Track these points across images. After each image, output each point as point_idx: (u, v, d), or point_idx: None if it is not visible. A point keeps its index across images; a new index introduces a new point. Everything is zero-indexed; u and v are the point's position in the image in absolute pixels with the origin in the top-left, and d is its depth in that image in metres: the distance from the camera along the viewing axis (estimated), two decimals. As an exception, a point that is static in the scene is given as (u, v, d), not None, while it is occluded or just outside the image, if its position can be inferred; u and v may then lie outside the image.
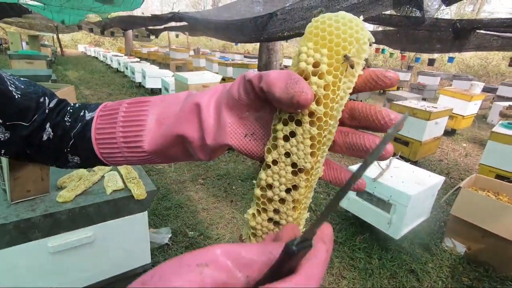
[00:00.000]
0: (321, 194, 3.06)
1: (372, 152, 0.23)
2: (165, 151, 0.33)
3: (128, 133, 0.33)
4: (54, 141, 0.36)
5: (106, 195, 1.16)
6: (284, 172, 0.28)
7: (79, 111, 0.37)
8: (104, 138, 0.35)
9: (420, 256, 2.23)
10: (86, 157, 0.37)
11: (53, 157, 0.38)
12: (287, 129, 0.27)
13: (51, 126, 0.36)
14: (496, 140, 2.89)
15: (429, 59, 11.69)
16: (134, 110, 0.34)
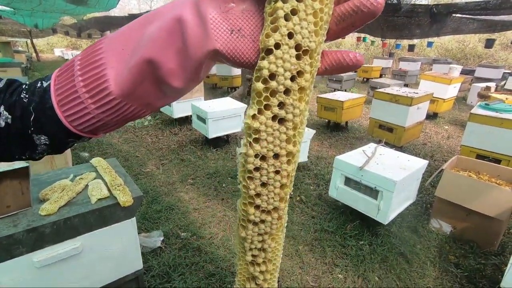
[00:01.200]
0: (311, 185, 3.10)
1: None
2: (136, 89, 0.29)
3: (89, 80, 0.29)
4: (15, 124, 0.32)
5: (91, 204, 1.14)
6: (288, 56, 0.26)
7: (35, 84, 0.32)
8: (65, 96, 0.30)
9: (409, 238, 2.30)
10: (53, 133, 0.32)
11: (18, 144, 0.33)
12: (288, 7, 0.25)
13: (6, 108, 0.32)
14: (475, 121, 2.99)
15: (409, 45, 11.88)
16: (89, 53, 0.29)
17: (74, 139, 0.33)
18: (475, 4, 5.72)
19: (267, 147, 0.29)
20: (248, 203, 0.32)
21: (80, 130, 0.31)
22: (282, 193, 0.31)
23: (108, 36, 0.29)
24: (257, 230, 0.32)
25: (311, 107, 6.37)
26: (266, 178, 0.30)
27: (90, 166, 1.46)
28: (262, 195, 0.31)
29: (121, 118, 0.31)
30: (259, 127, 0.28)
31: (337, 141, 4.44)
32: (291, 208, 2.68)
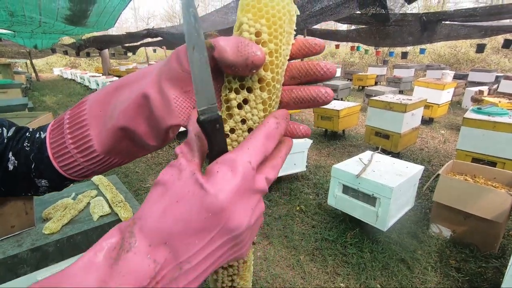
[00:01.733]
0: (310, 195, 3.12)
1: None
2: (116, 147, 0.34)
3: (76, 138, 0.34)
4: (20, 169, 0.37)
5: (93, 221, 1.17)
6: (242, 138, 0.29)
7: (35, 134, 0.38)
8: (58, 151, 0.35)
9: (409, 244, 2.31)
10: (51, 178, 0.38)
11: (23, 185, 0.39)
12: (240, 97, 0.28)
13: (14, 154, 0.37)
14: (468, 125, 3.05)
15: (402, 52, 12.09)
16: (75, 113, 0.34)
17: (69, 182, 0.40)
18: (464, 12, 5.89)
19: None
20: None
21: (73, 176, 0.37)
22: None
23: (89, 98, 0.35)
24: (226, 273, 0.36)
25: (308, 117, 6.45)
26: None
27: (92, 183, 1.50)
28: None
29: (107, 167, 0.37)
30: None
31: (335, 150, 4.48)
32: (291, 218, 2.70)
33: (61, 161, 0.36)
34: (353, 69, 14.52)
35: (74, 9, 4.21)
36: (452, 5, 23.45)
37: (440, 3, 21.73)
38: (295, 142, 3.07)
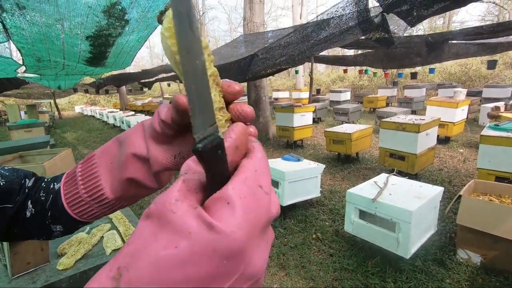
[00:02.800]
0: (326, 221, 3.03)
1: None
2: (127, 193, 0.38)
3: (89, 188, 0.38)
4: (36, 216, 0.41)
5: (106, 255, 1.17)
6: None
7: (50, 185, 0.42)
8: (72, 200, 0.39)
9: (436, 272, 2.15)
10: (66, 223, 0.41)
11: (38, 231, 0.42)
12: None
13: (32, 203, 0.41)
14: (487, 143, 2.94)
15: (411, 73, 12.12)
16: (86, 167, 0.39)
17: (82, 225, 0.43)
18: (470, 30, 5.93)
19: None
20: None
21: (86, 218, 0.41)
22: None
23: (98, 152, 0.39)
24: None
25: (320, 141, 6.42)
26: None
27: (105, 217, 1.52)
28: None
29: (118, 208, 0.41)
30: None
31: (349, 173, 4.39)
32: (308, 246, 2.60)
33: (75, 208, 0.39)
34: (363, 91, 14.59)
35: (94, 51, 4.54)
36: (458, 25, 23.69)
37: (445, 24, 22.02)
38: (307, 167, 3.04)
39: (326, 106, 9.33)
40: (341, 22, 3.24)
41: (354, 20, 3.18)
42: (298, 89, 13.02)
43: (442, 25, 21.98)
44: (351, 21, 3.17)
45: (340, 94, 10.98)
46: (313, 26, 3.44)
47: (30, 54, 4.51)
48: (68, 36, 3.92)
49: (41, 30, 3.67)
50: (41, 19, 3.29)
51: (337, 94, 11.07)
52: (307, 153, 5.57)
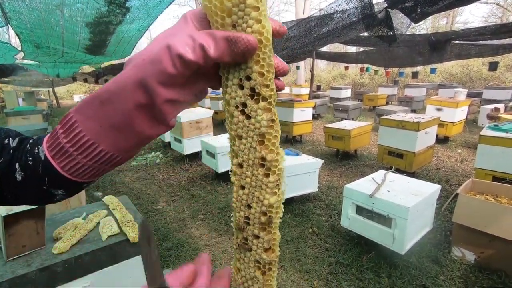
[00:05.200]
0: (323, 216, 3.04)
1: None
2: (126, 145, 0.34)
3: (74, 141, 0.33)
4: (29, 181, 0.37)
5: (102, 241, 1.16)
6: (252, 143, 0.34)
7: (34, 149, 0.37)
8: (63, 160, 0.35)
9: (430, 269, 2.17)
10: (67, 187, 0.38)
11: (36, 196, 0.39)
12: (246, 92, 0.32)
13: (20, 166, 0.37)
14: (486, 143, 2.94)
15: (412, 72, 12.11)
16: (65, 124, 0.34)
17: (86, 184, 0.40)
18: (473, 31, 5.90)
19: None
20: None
21: (88, 178, 0.38)
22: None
23: (77, 117, 0.33)
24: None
25: (319, 137, 6.42)
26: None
27: (102, 204, 1.51)
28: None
29: (118, 162, 0.37)
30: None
31: (347, 170, 4.40)
32: (304, 240, 2.61)
33: (73, 172, 0.35)
34: (363, 89, 14.56)
35: (94, 39, 4.48)
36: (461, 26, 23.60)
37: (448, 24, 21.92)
38: (306, 162, 3.04)
39: (326, 103, 9.31)
40: (344, 17, 3.21)
41: (357, 15, 3.15)
42: (298, 85, 12.98)
43: (445, 25, 21.88)
44: (354, 16, 3.14)
45: (341, 91, 10.95)
46: (316, 20, 3.41)
47: (28, 40, 4.45)
48: (67, 22, 3.86)
49: (40, 15, 3.61)
50: (41, 4, 3.24)
51: (337, 91, 11.05)
52: (305, 149, 5.57)
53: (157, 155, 5.33)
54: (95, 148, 0.34)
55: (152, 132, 0.34)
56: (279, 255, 0.38)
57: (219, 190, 3.73)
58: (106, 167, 0.37)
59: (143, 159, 5.17)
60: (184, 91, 0.32)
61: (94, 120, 0.33)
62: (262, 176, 0.33)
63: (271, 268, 0.38)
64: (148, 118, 0.32)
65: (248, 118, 0.32)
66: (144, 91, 0.30)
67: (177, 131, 4.67)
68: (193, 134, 4.64)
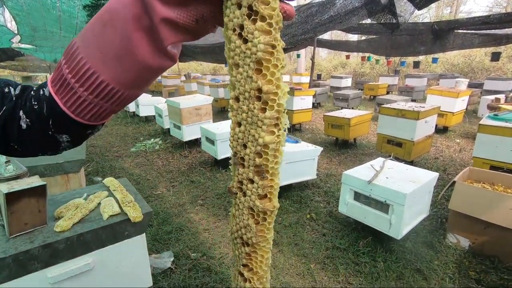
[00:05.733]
0: (321, 203, 3.07)
1: None
2: (129, 77, 0.34)
3: (87, 85, 0.33)
4: (34, 127, 0.37)
5: (103, 220, 1.18)
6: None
7: (39, 92, 0.38)
8: (65, 94, 0.35)
9: (425, 254, 2.22)
10: (72, 130, 0.37)
11: (42, 144, 0.39)
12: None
13: (24, 113, 0.37)
14: (485, 132, 2.95)
15: (414, 62, 11.98)
16: (68, 52, 0.34)
17: (91, 130, 0.39)
18: (477, 20, 5.82)
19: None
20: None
21: (91, 119, 0.37)
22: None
23: (80, 45, 0.33)
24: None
25: (319, 126, 6.41)
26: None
27: (103, 185, 1.52)
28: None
29: (122, 101, 0.36)
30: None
31: (346, 158, 4.42)
32: (302, 226, 2.65)
33: (72, 105, 0.35)
34: (364, 79, 14.45)
35: (92, 23, 4.40)
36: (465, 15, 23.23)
37: (452, 13, 21.58)
38: (305, 149, 3.05)
39: (326, 92, 9.25)
40: (347, 3, 3.16)
41: (360, 1, 3.09)
42: (298, 73, 12.86)
43: (448, 14, 21.53)
44: (357, 2, 3.08)
45: (341, 80, 10.87)
46: (318, 6, 3.35)
47: (25, 23, 4.36)
48: (64, 5, 3.78)
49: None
50: (37, -16, 3.17)
51: (338, 80, 10.96)
52: (305, 137, 5.57)
53: (156, 141, 5.33)
54: (95, 79, 0.33)
55: (152, 61, 0.32)
56: (277, 207, 0.36)
57: (218, 176, 3.75)
58: (107, 104, 0.35)
59: (142, 145, 5.17)
60: (182, 11, 0.30)
61: (95, 47, 0.32)
62: (258, 111, 0.31)
63: (266, 219, 0.35)
64: (147, 41, 0.31)
65: (245, 42, 0.30)
66: (142, 6, 0.30)
67: (176, 118, 4.65)
68: (193, 120, 4.62)
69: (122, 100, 0.36)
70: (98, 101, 0.35)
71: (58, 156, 2.03)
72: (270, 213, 0.35)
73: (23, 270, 1.00)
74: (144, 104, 6.88)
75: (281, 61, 0.30)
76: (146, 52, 0.32)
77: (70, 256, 1.09)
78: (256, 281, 0.37)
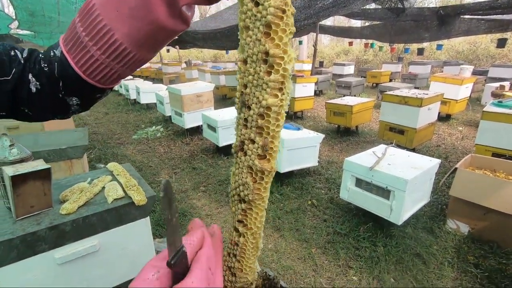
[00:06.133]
0: (322, 189, 3.09)
1: None
2: (143, 38, 0.34)
3: (101, 43, 0.34)
4: (44, 90, 0.37)
5: (108, 204, 1.19)
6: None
7: (49, 53, 0.38)
8: (78, 53, 0.35)
9: (424, 239, 2.25)
10: (82, 92, 0.38)
11: (52, 107, 0.39)
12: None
13: (34, 76, 0.37)
14: (488, 119, 2.93)
15: (418, 48, 11.81)
16: (84, 10, 0.34)
17: (100, 93, 0.39)
18: (484, 4, 5.68)
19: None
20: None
21: (101, 80, 0.37)
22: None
23: (97, 4, 0.33)
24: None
25: (320, 113, 6.38)
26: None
27: (106, 170, 1.53)
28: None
29: (135, 63, 0.37)
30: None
31: (347, 146, 4.42)
32: (303, 212, 2.68)
33: (84, 64, 0.35)
34: (367, 66, 14.27)
35: (90, 7, 4.33)
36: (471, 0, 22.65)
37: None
38: (307, 136, 3.05)
39: (329, 79, 9.16)
40: (351, -14, 3.08)
41: (365, -16, 3.01)
42: (300, 60, 12.69)
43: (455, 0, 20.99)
44: (362, -15, 3.01)
45: (344, 67, 10.74)
46: (321, -11, 3.27)
47: (22, 7, 4.29)
48: (63, -12, 3.71)
49: (34, -20, 3.47)
50: (34, -33, 3.10)
51: (340, 67, 10.84)
52: (306, 125, 5.56)
53: (157, 129, 5.33)
54: (110, 37, 0.33)
55: (167, 21, 0.33)
56: (275, 169, 0.38)
57: (220, 163, 3.77)
58: (118, 66, 0.36)
59: (144, 132, 5.17)
60: None
61: (112, 5, 0.33)
62: (264, 74, 0.31)
63: (263, 178, 0.37)
64: (163, 1, 0.32)
65: (256, 5, 0.30)
66: None
67: (178, 105, 4.63)
68: (194, 108, 4.61)
69: (133, 63, 0.36)
70: (109, 61, 0.35)
71: (61, 142, 2.04)
72: (268, 173, 0.37)
73: (31, 251, 1.02)
74: (145, 91, 6.84)
75: (290, 26, 0.30)
76: (161, 12, 0.32)
77: (76, 237, 1.11)
78: (249, 236, 0.39)
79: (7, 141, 1.09)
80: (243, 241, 0.40)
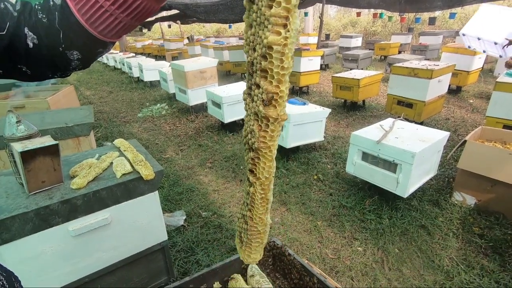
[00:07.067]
0: (328, 164, 3.10)
1: None
2: None
3: None
4: (43, 43, 0.35)
5: (117, 178, 1.21)
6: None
7: (47, 3, 0.35)
8: (89, 8, 0.33)
9: (430, 211, 2.26)
10: (83, 45, 0.35)
11: (51, 63, 0.37)
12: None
13: (30, 29, 0.35)
14: (501, 90, 2.84)
15: (429, 18, 11.27)
16: None
17: (102, 48, 0.37)
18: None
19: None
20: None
21: (105, 35, 0.35)
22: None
23: None
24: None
25: (327, 88, 6.25)
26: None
27: (113, 146, 1.55)
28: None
29: (140, 15, 0.34)
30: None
31: (354, 121, 4.36)
32: (309, 186, 2.70)
33: (87, 11, 0.33)
34: (375, 38, 13.75)
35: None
36: (489, -37, 21.14)
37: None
38: (313, 110, 3.01)
39: (335, 53, 8.88)
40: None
41: None
42: (306, 34, 12.27)
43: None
44: None
45: (351, 39, 10.36)
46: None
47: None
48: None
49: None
50: None
51: (347, 40, 10.46)
52: (312, 100, 5.47)
53: (162, 106, 5.31)
54: None
55: None
56: (282, 117, 0.35)
57: (226, 140, 3.77)
58: (122, 15, 0.34)
59: (148, 110, 5.17)
60: None
61: None
62: (265, 8, 0.29)
63: (269, 126, 0.35)
64: None
65: None
66: None
67: (181, 81, 4.58)
68: (198, 84, 4.55)
69: (139, 11, 0.34)
70: (114, 9, 0.33)
71: (67, 120, 2.04)
72: (274, 121, 0.34)
73: (46, 224, 1.06)
74: (148, 69, 6.75)
75: None
76: None
77: (88, 211, 1.15)
78: (258, 186, 0.39)
79: (14, 118, 1.09)
80: (252, 190, 0.40)
